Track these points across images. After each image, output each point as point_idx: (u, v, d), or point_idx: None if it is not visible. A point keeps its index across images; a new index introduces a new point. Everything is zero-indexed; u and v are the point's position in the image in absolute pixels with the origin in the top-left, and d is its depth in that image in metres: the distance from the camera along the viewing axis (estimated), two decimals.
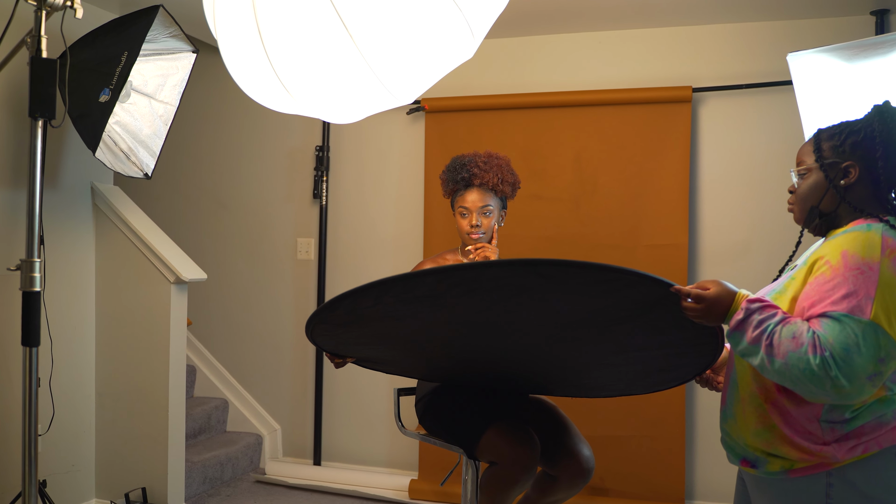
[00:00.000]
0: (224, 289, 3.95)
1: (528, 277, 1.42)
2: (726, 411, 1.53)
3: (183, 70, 2.76)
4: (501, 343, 1.77)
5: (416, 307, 1.60)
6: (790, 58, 2.49)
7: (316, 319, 1.72)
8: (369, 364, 2.11)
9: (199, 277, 2.96)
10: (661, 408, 3.18)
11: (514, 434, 2.01)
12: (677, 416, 3.19)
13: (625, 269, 1.37)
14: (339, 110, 1.63)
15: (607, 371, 1.89)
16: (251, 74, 1.54)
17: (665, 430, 3.20)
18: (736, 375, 1.51)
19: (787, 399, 1.39)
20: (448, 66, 1.54)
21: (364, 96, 1.55)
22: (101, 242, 2.98)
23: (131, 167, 2.72)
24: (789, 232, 3.02)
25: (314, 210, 3.80)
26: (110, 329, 2.97)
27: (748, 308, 1.36)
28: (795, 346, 1.28)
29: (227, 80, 2.11)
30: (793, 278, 1.44)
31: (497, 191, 2.28)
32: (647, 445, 3.22)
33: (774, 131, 3.18)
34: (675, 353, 1.67)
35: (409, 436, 2.39)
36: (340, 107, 1.60)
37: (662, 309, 1.45)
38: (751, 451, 1.45)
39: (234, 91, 2.24)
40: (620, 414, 3.23)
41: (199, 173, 4.02)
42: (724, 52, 3.26)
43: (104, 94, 2.39)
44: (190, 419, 3.52)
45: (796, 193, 1.52)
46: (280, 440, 3.86)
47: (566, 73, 3.45)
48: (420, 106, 3.55)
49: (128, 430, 2.95)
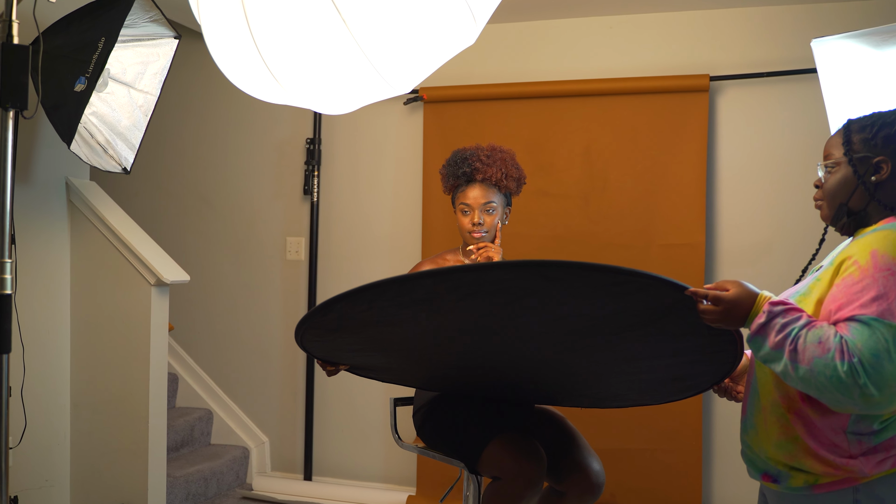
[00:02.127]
0: (208, 291, 3.95)
1: (533, 280, 1.42)
2: (746, 422, 1.53)
3: (164, 57, 2.75)
4: (505, 350, 1.77)
5: (413, 311, 1.60)
6: (814, 44, 2.49)
7: (307, 324, 1.72)
8: (364, 372, 2.11)
9: (181, 279, 2.96)
10: (677, 419, 3.18)
11: (518, 447, 2.01)
12: (694, 427, 3.19)
13: (637, 272, 1.37)
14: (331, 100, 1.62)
15: (619, 380, 1.89)
16: (237, 62, 1.54)
17: (681, 443, 3.19)
18: (757, 383, 1.51)
19: (812, 409, 1.39)
20: (448, 53, 1.54)
21: (358, 85, 1.55)
22: (77, 242, 2.98)
23: (109, 161, 2.71)
24: (814, 231, 3.02)
25: (305, 207, 3.80)
26: (86, 334, 2.97)
27: (771, 311, 1.35)
28: (821, 351, 1.28)
29: (211, 67, 2.11)
30: (818, 279, 1.44)
31: (501, 186, 2.28)
32: (661, 459, 3.21)
33: (797, 123, 3.18)
34: (692, 361, 1.67)
35: (406, 449, 2.39)
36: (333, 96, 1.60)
37: (677, 313, 1.45)
38: (773, 464, 1.45)
39: (220, 80, 2.23)
40: (633, 425, 3.23)
41: (182, 168, 4.02)
42: (744, 38, 3.26)
43: (80, 83, 2.39)
44: (172, 431, 3.52)
45: (823, 189, 1.52)
46: (268, 453, 3.86)
47: (575, 60, 3.45)
48: (418, 96, 3.55)
49: (105, 442, 2.94)
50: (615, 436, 3.23)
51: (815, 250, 1.62)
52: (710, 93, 3.26)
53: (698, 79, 3.21)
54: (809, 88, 3.09)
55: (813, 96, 3.01)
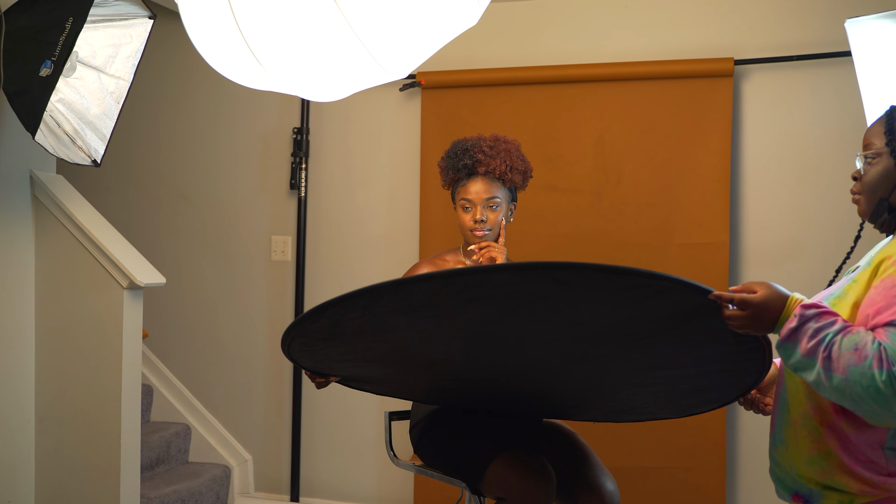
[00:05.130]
0: (186, 295, 3.94)
1: (542, 283, 1.42)
2: (775, 436, 1.53)
3: (138, 39, 2.75)
4: (511, 360, 1.77)
5: (411, 318, 1.60)
6: (849, 24, 2.49)
7: (294, 332, 1.72)
8: (356, 384, 2.11)
9: (156, 282, 2.96)
10: (698, 434, 3.18)
11: (525, 465, 2.01)
12: (717, 443, 3.19)
13: (656, 274, 1.37)
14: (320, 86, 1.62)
15: (635, 392, 1.89)
16: (218, 44, 1.54)
17: (702, 461, 3.19)
18: (787, 394, 1.51)
19: (847, 422, 1.39)
20: (448, 34, 1.54)
21: (349, 70, 1.54)
22: (42, 241, 2.98)
23: (77, 153, 2.71)
24: (849, 228, 2.99)
25: (291, 203, 3.80)
26: (53, 342, 2.97)
27: (802, 314, 1.35)
28: (858, 359, 1.28)
29: (189, 50, 2.10)
30: (854, 281, 1.44)
31: (505, 180, 2.28)
32: (681, 478, 3.21)
33: (830, 110, 3.18)
34: (715, 371, 1.67)
35: (402, 467, 2.39)
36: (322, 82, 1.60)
37: (700, 319, 1.45)
38: (804, 482, 1.45)
39: (199, 64, 2.23)
40: (650, 441, 3.23)
41: (157, 160, 4.02)
42: (772, 18, 3.26)
43: (45, 68, 2.39)
44: (146, 448, 3.52)
45: (862, 181, 1.52)
46: (251, 472, 3.86)
47: (587, 42, 3.45)
48: (415, 81, 3.55)
49: (73, 460, 2.94)
50: (631, 453, 3.22)
51: (850, 249, 1.62)
52: (735, 78, 3.26)
53: (722, 62, 3.21)
54: (843, 73, 3.09)
55: (847, 81, 3.01)
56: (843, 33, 2.56)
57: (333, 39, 1.45)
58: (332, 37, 1.44)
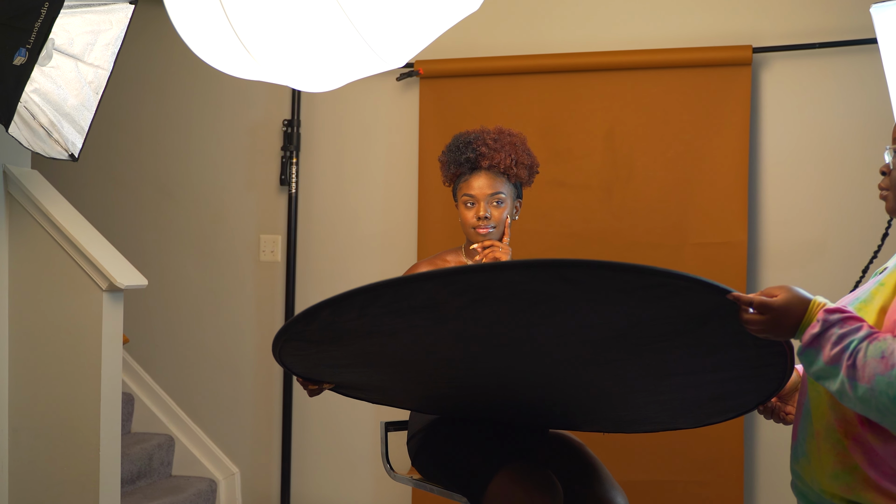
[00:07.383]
0: (169, 298, 3.95)
1: (551, 282, 1.42)
2: (797, 449, 1.53)
3: (118, 25, 2.75)
4: (516, 365, 1.77)
5: (411, 320, 1.60)
6: (874, 9, 2.49)
7: (285, 336, 1.72)
8: (351, 391, 2.11)
9: (137, 284, 2.96)
10: (715, 445, 3.18)
11: (530, 478, 2.01)
12: (735, 455, 3.19)
13: (672, 272, 1.37)
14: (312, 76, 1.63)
15: (648, 399, 1.89)
16: (203, 31, 1.54)
17: (720, 474, 3.20)
18: (809, 404, 1.51)
19: (873, 434, 1.39)
20: (448, 21, 1.54)
21: (343, 58, 1.55)
22: (16, 240, 2.98)
23: (53, 146, 2.71)
24: (875, 227, 3.02)
25: (281, 200, 3.80)
26: (27, 348, 2.97)
27: (826, 319, 1.35)
28: (885, 367, 1.28)
29: (173, 38, 2.10)
30: (881, 284, 1.44)
31: (510, 175, 2.28)
32: (696, 493, 3.22)
33: (855, 101, 3.18)
34: (734, 377, 1.67)
35: (399, 481, 2.39)
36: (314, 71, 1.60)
37: (717, 322, 1.45)
38: (827, 497, 1.45)
39: (183, 52, 2.23)
40: (663, 453, 3.23)
41: (139, 155, 4.02)
42: (793, 3, 3.26)
43: (19, 56, 2.39)
44: (127, 460, 3.52)
45: (891, 176, 1.53)
46: (238, 486, 3.86)
47: (596, 29, 3.45)
48: (413, 70, 3.55)
49: (49, 473, 2.94)
50: (643, 466, 3.23)
51: (877, 248, 1.63)
52: (753, 67, 3.26)
53: (739, 50, 3.21)
54: (869, 61, 3.09)
55: (873, 70, 3.01)
56: (868, 19, 2.56)
57: (326, 26, 1.45)
58: (325, 23, 1.44)
